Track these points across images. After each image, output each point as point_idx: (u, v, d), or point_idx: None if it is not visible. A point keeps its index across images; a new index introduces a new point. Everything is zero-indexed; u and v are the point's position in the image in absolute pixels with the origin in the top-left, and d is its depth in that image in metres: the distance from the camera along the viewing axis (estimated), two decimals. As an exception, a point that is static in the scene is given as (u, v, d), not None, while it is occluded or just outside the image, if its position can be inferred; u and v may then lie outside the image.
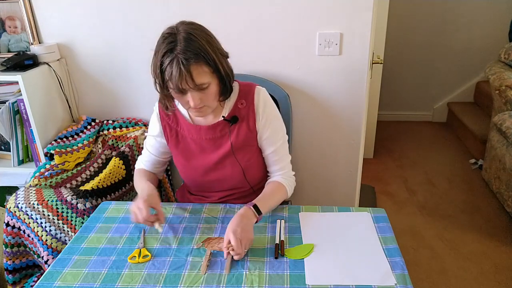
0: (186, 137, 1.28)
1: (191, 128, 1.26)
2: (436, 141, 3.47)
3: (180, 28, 1.07)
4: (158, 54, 1.06)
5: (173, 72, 1.03)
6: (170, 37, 1.05)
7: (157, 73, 1.08)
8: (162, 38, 1.08)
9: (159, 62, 1.06)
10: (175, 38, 1.05)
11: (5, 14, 1.73)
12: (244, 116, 1.24)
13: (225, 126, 1.24)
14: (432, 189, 2.71)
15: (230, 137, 1.24)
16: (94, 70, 1.80)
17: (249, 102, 1.23)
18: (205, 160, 1.28)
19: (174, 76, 1.03)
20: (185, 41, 1.04)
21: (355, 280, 0.95)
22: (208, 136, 1.25)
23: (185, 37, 1.04)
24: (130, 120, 1.81)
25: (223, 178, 1.29)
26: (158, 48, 1.07)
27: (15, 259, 1.49)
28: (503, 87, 2.47)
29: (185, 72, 1.03)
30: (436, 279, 1.93)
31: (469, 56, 3.59)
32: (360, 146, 1.77)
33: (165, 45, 1.05)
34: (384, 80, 3.05)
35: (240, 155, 1.25)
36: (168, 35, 1.06)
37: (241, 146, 1.25)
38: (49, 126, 1.72)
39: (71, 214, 1.40)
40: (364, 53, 1.60)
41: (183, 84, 1.05)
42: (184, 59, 1.02)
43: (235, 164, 1.26)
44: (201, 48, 1.05)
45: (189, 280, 0.97)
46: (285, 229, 1.15)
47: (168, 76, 1.05)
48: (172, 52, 1.03)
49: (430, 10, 3.48)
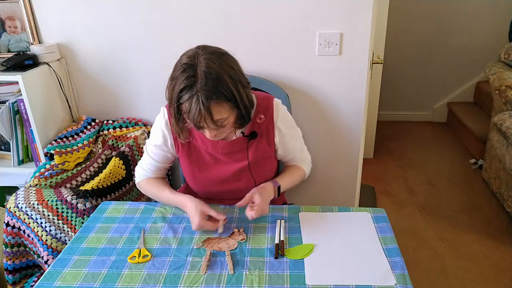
0: (200, 149, 1.23)
1: (207, 141, 1.21)
2: (436, 141, 3.47)
3: (200, 58, 1.01)
4: (176, 87, 1.01)
5: (192, 109, 0.99)
6: (190, 69, 1.00)
7: (173, 105, 1.05)
8: (180, 69, 1.02)
9: (177, 96, 1.02)
10: (195, 72, 0.99)
11: (5, 14, 1.73)
12: (264, 131, 1.22)
13: (244, 142, 1.21)
14: (432, 189, 2.71)
15: (248, 153, 1.22)
16: (94, 70, 1.80)
17: (269, 117, 1.21)
18: (219, 172, 1.25)
19: (193, 113, 1.00)
20: (206, 77, 0.98)
21: (355, 280, 0.95)
22: (225, 151, 1.22)
23: (206, 72, 0.99)
24: (130, 120, 1.81)
25: (235, 190, 1.26)
26: (176, 77, 1.02)
27: (15, 259, 1.49)
28: (503, 87, 2.47)
29: (204, 111, 0.99)
30: (436, 279, 1.93)
31: (469, 56, 3.59)
32: (360, 146, 1.77)
33: (184, 78, 0.99)
34: (384, 80, 3.05)
35: (256, 171, 1.24)
36: (187, 66, 1.01)
37: (258, 161, 1.24)
38: (49, 126, 1.72)
39: (71, 214, 1.40)
40: (364, 53, 1.60)
41: (202, 122, 1.02)
42: (205, 98, 0.98)
43: (250, 179, 1.25)
44: (222, 84, 1.00)
45: (189, 280, 0.97)
46: (285, 229, 1.15)
47: (186, 111, 1.02)
48: (192, 88, 0.99)
49: (430, 10, 3.48)
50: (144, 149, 1.32)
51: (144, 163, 1.32)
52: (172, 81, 1.04)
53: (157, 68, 1.75)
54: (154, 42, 1.71)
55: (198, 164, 1.25)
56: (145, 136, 1.74)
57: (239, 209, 1.24)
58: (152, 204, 1.29)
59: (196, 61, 1.01)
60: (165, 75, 1.74)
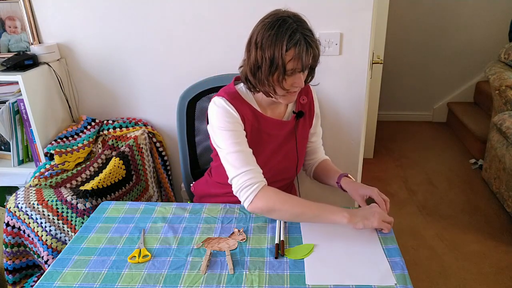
0: (256, 128, 1.21)
1: (262, 118, 1.22)
2: (436, 141, 3.47)
3: (285, 13, 1.10)
4: (277, 38, 1.06)
5: (302, 48, 1.06)
6: (284, 21, 1.08)
7: (277, 58, 1.06)
8: (275, 22, 1.08)
9: (283, 45, 1.05)
10: (290, 20, 1.07)
11: (5, 14, 1.73)
12: (307, 111, 1.33)
13: (292, 120, 1.29)
14: (432, 189, 2.71)
15: (296, 131, 1.30)
16: (94, 70, 1.80)
17: (310, 99, 1.34)
18: (271, 151, 1.27)
19: (303, 52, 1.06)
20: (301, 22, 1.09)
21: (355, 280, 0.95)
22: (276, 130, 1.26)
23: (298, 19, 1.10)
24: (130, 120, 1.81)
25: (283, 171, 1.32)
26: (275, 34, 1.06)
27: (15, 259, 1.49)
28: (503, 87, 2.47)
29: (314, 48, 1.08)
30: (436, 279, 1.93)
31: (469, 56, 3.59)
32: (360, 146, 1.77)
33: (285, 29, 1.06)
34: (384, 80, 3.06)
35: (300, 149, 1.33)
36: (283, 18, 1.08)
37: (302, 140, 1.33)
38: (49, 126, 1.72)
39: (71, 214, 1.40)
40: (364, 53, 1.60)
41: (308, 59, 1.09)
42: (308, 37, 1.07)
43: (294, 157, 1.32)
44: (310, 28, 1.11)
45: (189, 280, 0.97)
46: (285, 229, 1.15)
47: (293, 55, 1.07)
48: (296, 32, 1.06)
49: (430, 10, 3.48)
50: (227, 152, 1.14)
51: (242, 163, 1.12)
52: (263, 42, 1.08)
53: (157, 68, 1.75)
54: (154, 42, 1.71)
55: (254, 144, 1.19)
56: (145, 136, 1.74)
57: (239, 209, 1.24)
58: (152, 204, 1.29)
59: (285, 14, 1.10)
60: (165, 75, 1.76)
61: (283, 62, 1.07)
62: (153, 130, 1.82)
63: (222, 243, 1.09)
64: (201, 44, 1.70)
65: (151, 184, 1.74)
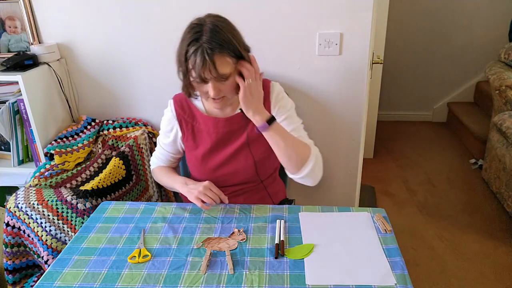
0: (202, 131, 1.30)
1: (208, 120, 1.29)
2: (436, 141, 3.47)
3: (207, 20, 1.11)
4: (184, 43, 1.10)
5: (197, 61, 1.07)
6: (197, 27, 1.09)
7: (181, 61, 1.12)
8: (188, 28, 1.11)
9: (184, 51, 1.09)
10: (201, 29, 1.08)
11: (5, 14, 1.73)
12: None
13: (242, 119, 1.27)
14: (432, 189, 2.72)
15: (246, 128, 1.27)
16: (94, 70, 1.80)
17: (265, 95, 1.28)
18: (220, 154, 1.30)
19: (198, 64, 1.07)
20: (211, 32, 1.08)
21: (355, 280, 0.95)
22: (225, 129, 1.28)
23: (211, 28, 1.08)
24: (130, 120, 1.81)
25: (235, 172, 1.31)
26: (184, 37, 1.11)
27: (15, 259, 1.49)
28: (503, 87, 2.47)
29: (209, 61, 1.06)
30: (436, 279, 1.93)
31: (469, 56, 3.59)
32: (360, 146, 1.77)
33: (191, 34, 1.09)
34: (384, 80, 3.06)
35: (254, 148, 1.29)
36: (195, 25, 1.10)
37: (256, 137, 1.27)
38: (49, 126, 1.72)
39: (71, 214, 1.40)
40: (364, 53, 1.60)
41: (206, 73, 1.08)
42: (209, 49, 1.06)
43: (249, 157, 1.29)
44: (226, 39, 1.09)
45: (189, 280, 0.97)
46: (285, 229, 1.15)
47: (191, 65, 1.09)
48: (198, 41, 1.07)
49: (430, 10, 3.48)
50: (157, 140, 1.43)
51: (157, 152, 1.44)
52: (181, 42, 1.12)
53: (157, 68, 1.75)
54: (154, 42, 1.71)
55: (201, 148, 1.31)
56: (145, 136, 1.74)
57: (239, 209, 1.24)
58: (152, 204, 1.29)
59: (203, 21, 1.11)
60: (165, 75, 1.76)
61: (187, 69, 1.12)
62: (153, 130, 1.82)
63: (222, 243, 1.09)
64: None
65: (151, 184, 1.74)
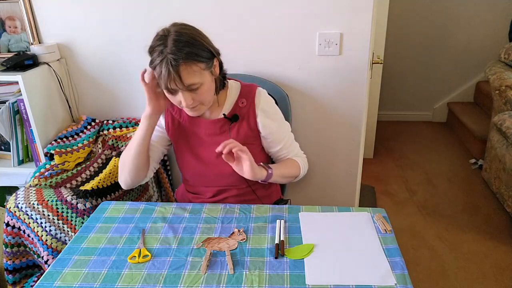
0: (188, 129, 1.30)
1: (193, 120, 1.29)
2: (436, 141, 3.47)
3: (171, 29, 1.10)
4: (152, 54, 1.10)
5: (163, 72, 1.06)
6: (162, 38, 1.08)
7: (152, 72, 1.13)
8: (154, 39, 1.11)
9: (152, 64, 1.10)
10: (165, 40, 1.07)
11: (5, 14, 1.73)
12: (245, 115, 1.27)
13: (225, 124, 1.26)
14: (432, 189, 2.72)
15: (230, 135, 1.26)
16: (94, 70, 1.80)
17: (250, 101, 1.27)
18: (204, 154, 1.30)
19: (164, 76, 1.06)
20: (175, 41, 1.06)
21: (355, 280, 0.95)
22: (208, 132, 1.28)
23: (175, 39, 1.07)
24: (130, 120, 1.81)
25: (221, 174, 1.30)
26: (151, 49, 1.11)
27: (15, 259, 1.49)
28: (503, 87, 2.47)
29: (173, 72, 1.05)
30: (436, 279, 1.93)
31: (469, 56, 3.59)
32: (360, 146, 1.77)
33: (157, 46, 1.08)
34: (384, 80, 3.06)
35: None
36: (160, 36, 1.09)
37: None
38: (49, 126, 1.72)
39: (71, 214, 1.40)
40: (364, 53, 1.60)
41: (172, 84, 1.08)
42: (173, 60, 1.05)
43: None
44: (191, 47, 1.07)
45: (189, 280, 0.97)
46: (285, 229, 1.15)
47: (157, 76, 1.09)
48: (162, 52, 1.06)
49: (430, 10, 3.49)
50: None
51: None
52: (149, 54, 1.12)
53: (157, 68, 1.75)
54: (154, 42, 1.71)
55: (186, 145, 1.31)
56: (145, 136, 1.74)
57: (239, 209, 1.24)
58: (152, 204, 1.29)
59: (167, 32, 1.09)
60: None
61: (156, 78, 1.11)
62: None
63: (222, 243, 1.09)
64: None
65: (151, 184, 1.74)
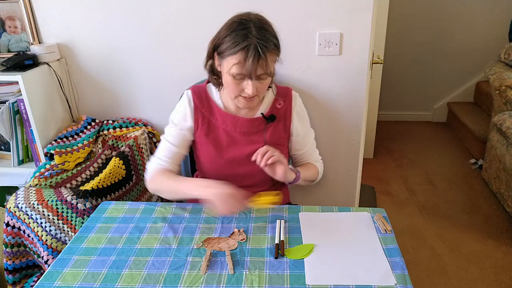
0: (219, 128, 1.27)
1: (228, 118, 1.26)
2: (436, 141, 3.47)
3: (251, 16, 1.10)
4: (230, 37, 1.08)
5: (249, 55, 1.04)
6: (245, 22, 1.07)
7: (222, 55, 1.11)
8: (234, 23, 1.09)
9: (229, 45, 1.07)
10: (249, 25, 1.07)
11: (5, 14, 1.73)
12: (282, 116, 1.29)
13: (262, 123, 1.27)
14: (432, 189, 2.72)
15: (265, 134, 1.27)
16: (94, 70, 1.80)
17: (287, 103, 1.30)
18: (235, 153, 1.27)
19: (249, 58, 1.05)
20: (261, 29, 1.07)
21: (355, 280, 0.95)
22: (243, 129, 1.27)
23: (261, 26, 1.07)
24: (130, 120, 1.81)
25: (249, 174, 1.29)
26: (229, 32, 1.08)
27: (15, 259, 1.49)
28: (503, 87, 2.47)
29: (263, 57, 1.06)
30: (436, 279, 1.93)
31: (469, 56, 3.59)
32: (360, 146, 1.77)
33: (240, 30, 1.06)
34: (384, 80, 3.05)
35: None
36: (242, 20, 1.08)
37: (273, 145, 1.25)
38: (49, 126, 1.72)
39: (71, 214, 1.40)
40: (364, 53, 1.60)
41: (258, 70, 1.07)
42: (263, 46, 1.05)
43: None
44: (273, 38, 1.09)
45: (189, 280, 0.97)
46: (285, 229, 1.15)
47: (237, 60, 1.07)
48: (249, 37, 1.05)
49: (430, 10, 3.49)
50: (162, 138, 1.31)
51: (159, 152, 1.29)
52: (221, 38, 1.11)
53: (157, 68, 1.75)
54: (154, 42, 1.71)
55: (215, 144, 1.27)
56: (145, 136, 1.74)
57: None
58: (152, 204, 1.29)
59: (249, 17, 1.10)
60: (166, 75, 1.76)
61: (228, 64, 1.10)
62: (153, 130, 1.82)
63: (222, 243, 1.09)
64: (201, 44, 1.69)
65: (151, 184, 1.74)
